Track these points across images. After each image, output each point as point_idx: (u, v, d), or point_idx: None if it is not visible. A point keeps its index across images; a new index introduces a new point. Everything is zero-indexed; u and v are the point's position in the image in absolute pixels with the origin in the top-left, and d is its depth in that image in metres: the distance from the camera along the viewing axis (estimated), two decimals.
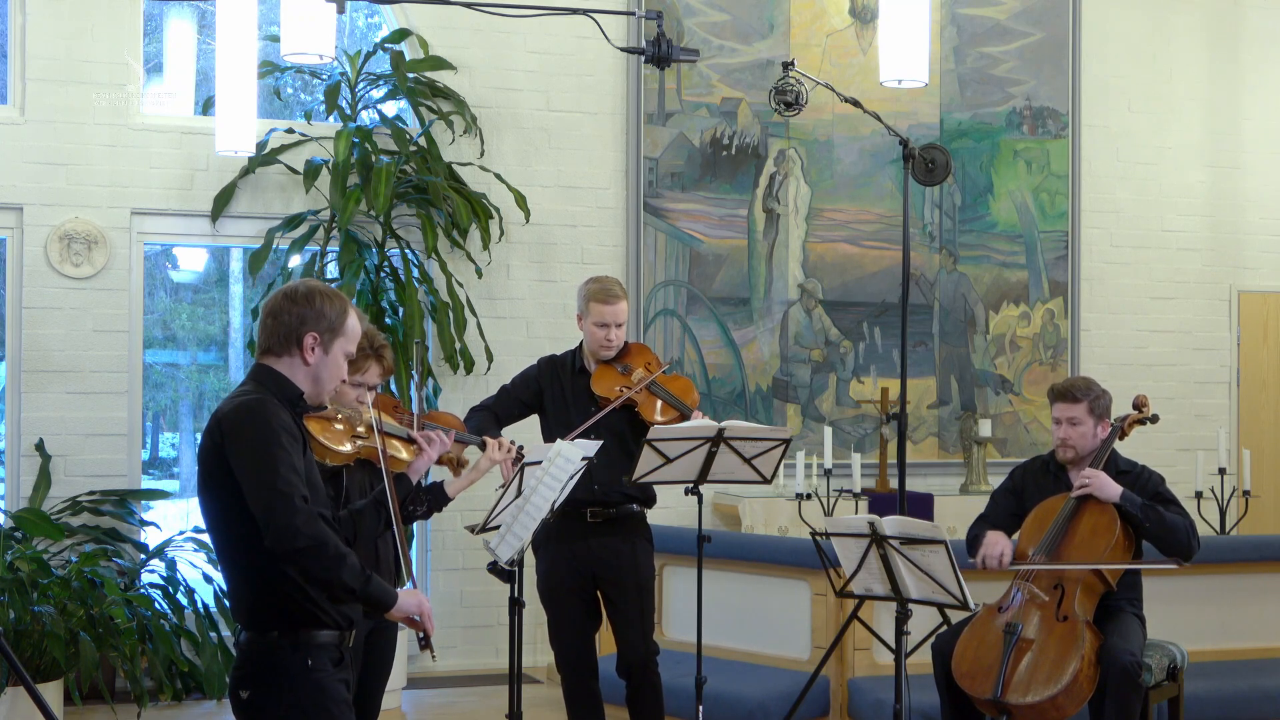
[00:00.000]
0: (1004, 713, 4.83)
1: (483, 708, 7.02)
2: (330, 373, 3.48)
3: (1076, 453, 5.27)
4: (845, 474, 7.40)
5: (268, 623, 3.35)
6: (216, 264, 8.36)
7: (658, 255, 8.14)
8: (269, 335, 3.45)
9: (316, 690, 3.34)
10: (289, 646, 3.34)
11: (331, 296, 3.48)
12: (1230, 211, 9.25)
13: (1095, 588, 5.06)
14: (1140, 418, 5.41)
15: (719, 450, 5.05)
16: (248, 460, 3.28)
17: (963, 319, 8.71)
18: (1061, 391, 5.30)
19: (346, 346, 3.50)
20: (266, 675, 3.35)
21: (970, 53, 8.72)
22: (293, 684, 3.33)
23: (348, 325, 3.48)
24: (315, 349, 3.44)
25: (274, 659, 3.34)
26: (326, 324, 3.45)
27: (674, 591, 6.69)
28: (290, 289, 3.49)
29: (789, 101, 5.57)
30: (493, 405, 5.35)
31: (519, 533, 4.29)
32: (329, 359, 3.46)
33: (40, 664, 6.30)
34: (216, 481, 3.35)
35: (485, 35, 7.84)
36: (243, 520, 3.31)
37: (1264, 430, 9.24)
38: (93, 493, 7.19)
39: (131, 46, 7.42)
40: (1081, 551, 5.05)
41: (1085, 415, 5.24)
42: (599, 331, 5.24)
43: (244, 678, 3.37)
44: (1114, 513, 5.08)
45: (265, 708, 3.35)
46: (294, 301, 3.44)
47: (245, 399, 3.37)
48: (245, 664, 3.38)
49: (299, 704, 3.33)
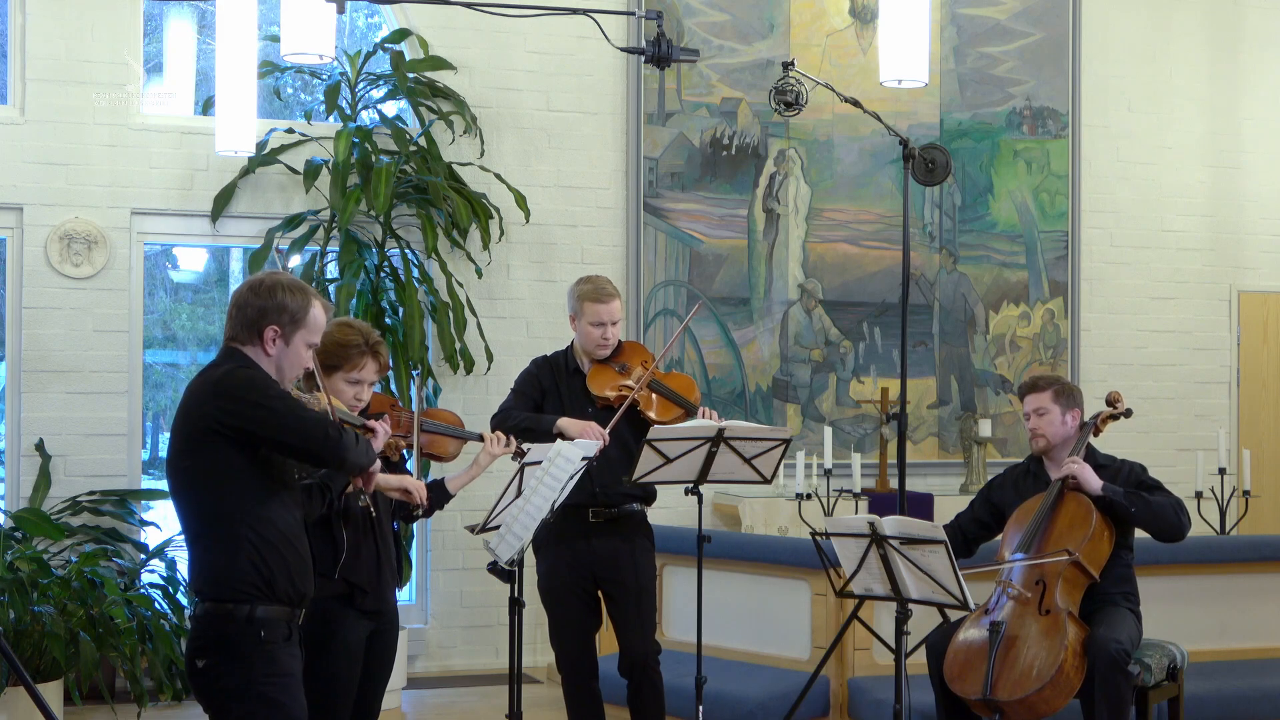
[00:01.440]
0: (995, 710, 4.85)
1: (483, 708, 7.02)
2: (291, 362, 3.63)
3: (1048, 441, 5.32)
4: (845, 474, 7.40)
5: (223, 594, 3.49)
6: (216, 264, 8.36)
7: (657, 255, 8.14)
8: (233, 325, 3.62)
9: (270, 661, 3.50)
10: (243, 619, 3.48)
11: (294, 289, 3.61)
12: (1230, 211, 9.25)
13: (1078, 580, 5.08)
14: (1113, 413, 5.45)
15: (719, 450, 5.05)
16: (269, 414, 3.46)
17: (963, 319, 8.71)
18: (1028, 385, 5.40)
19: (309, 338, 3.64)
20: (220, 644, 3.49)
21: (970, 53, 8.72)
22: (247, 654, 3.48)
23: (309, 317, 3.62)
24: (276, 340, 3.59)
25: (228, 629, 3.49)
26: (288, 316, 3.59)
27: (674, 591, 6.69)
28: (255, 281, 3.63)
29: (789, 101, 5.57)
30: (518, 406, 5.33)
31: (519, 533, 4.29)
32: (290, 350, 3.61)
33: (40, 664, 6.30)
34: (201, 444, 3.48)
35: (485, 35, 7.84)
36: (216, 486, 3.48)
37: (1264, 430, 9.24)
38: (93, 493, 7.19)
39: (131, 46, 7.42)
40: (1060, 544, 5.08)
41: (1050, 403, 5.31)
42: (595, 331, 5.23)
43: (200, 648, 3.52)
44: (1090, 505, 5.13)
45: (220, 676, 3.50)
46: (256, 294, 3.59)
47: (226, 368, 3.54)
48: (201, 634, 3.52)
49: (252, 674, 3.48)
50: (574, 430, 5.04)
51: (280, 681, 3.51)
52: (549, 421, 5.13)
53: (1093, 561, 5.08)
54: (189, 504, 3.56)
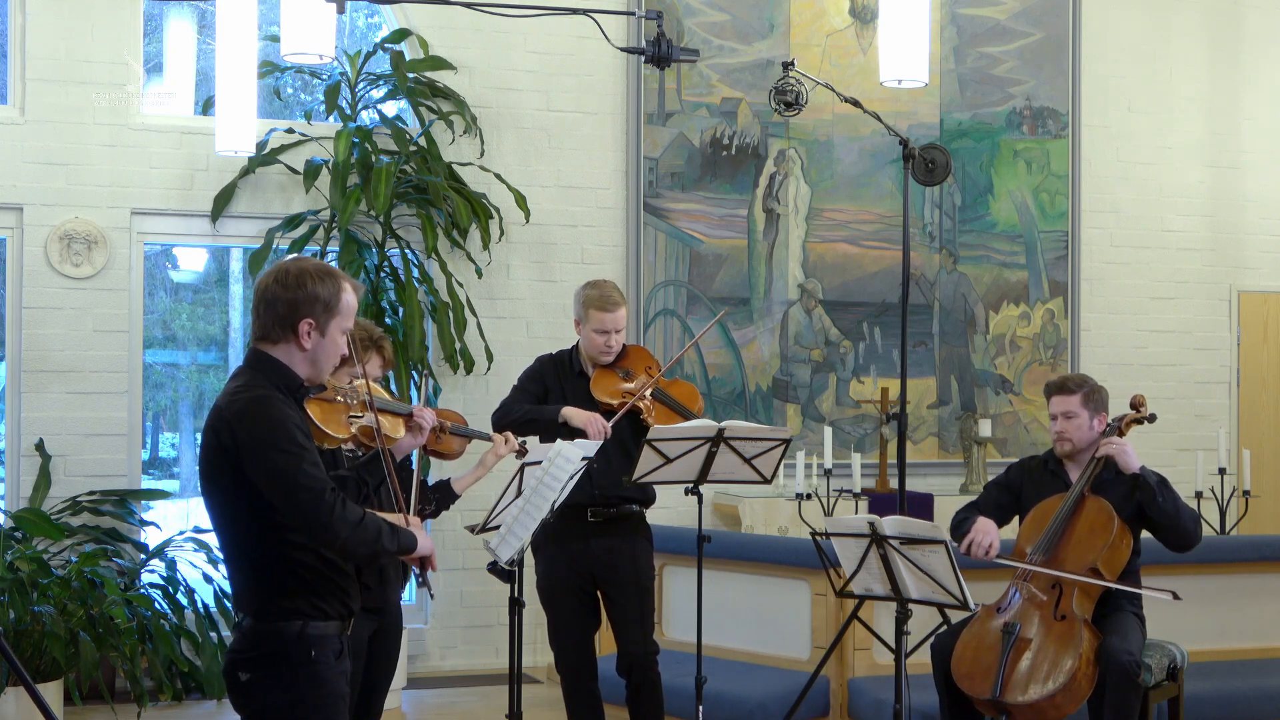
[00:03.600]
0: (1003, 712, 4.83)
1: (483, 708, 7.02)
2: (328, 353, 3.40)
3: (1074, 445, 5.29)
4: (845, 474, 7.40)
5: (272, 613, 3.33)
6: (216, 264, 8.36)
7: (658, 255, 8.14)
8: (263, 323, 3.37)
9: (316, 681, 3.33)
10: (294, 636, 3.31)
11: (323, 276, 3.37)
12: (1230, 211, 9.25)
13: (1093, 587, 5.06)
14: (1137, 417, 5.42)
15: (719, 450, 5.04)
16: (270, 467, 3.23)
17: (963, 319, 8.71)
18: (1057, 385, 5.35)
19: (344, 324, 3.41)
20: (268, 661, 3.32)
21: (970, 53, 8.72)
22: (293, 672, 3.31)
23: (343, 303, 3.39)
24: (311, 333, 3.35)
25: (277, 645, 3.32)
26: (321, 306, 3.36)
27: (674, 591, 6.69)
28: (281, 272, 3.37)
29: (789, 101, 5.57)
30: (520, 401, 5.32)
31: (519, 533, 4.29)
32: (326, 340, 3.38)
33: (40, 664, 6.30)
34: (222, 478, 3.30)
35: (485, 35, 7.84)
36: (249, 516, 3.29)
37: (1264, 430, 9.24)
38: (93, 493, 7.19)
39: (131, 46, 7.42)
40: (1079, 550, 5.06)
41: (1080, 408, 5.27)
42: (598, 338, 5.23)
43: (244, 661, 3.34)
44: (1111, 511, 5.09)
45: (264, 692, 3.33)
46: (284, 287, 3.35)
47: (250, 395, 3.30)
48: (247, 648, 3.35)
49: (297, 693, 3.31)
50: (578, 420, 5.04)
51: (326, 702, 3.35)
52: (553, 411, 5.13)
53: (1110, 569, 5.06)
54: (228, 532, 3.37)
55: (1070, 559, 5.05)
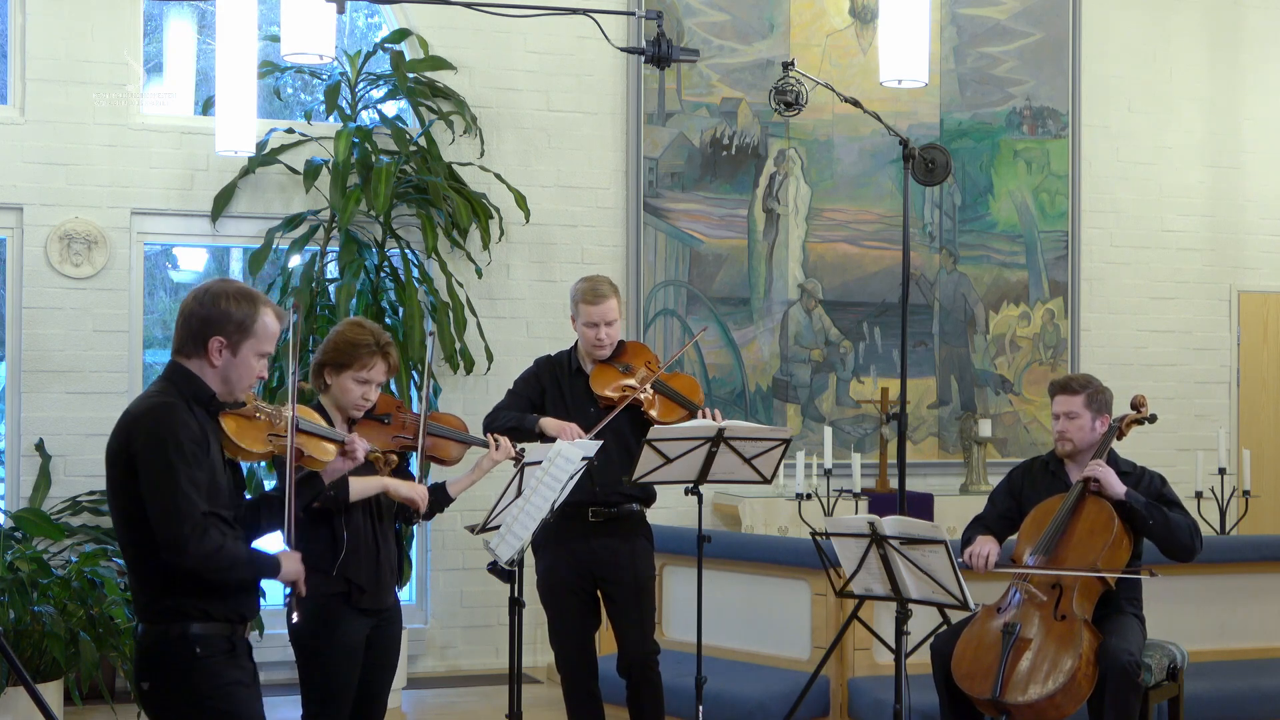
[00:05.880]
0: (1003, 712, 4.83)
1: (483, 708, 7.02)
2: (240, 373, 3.53)
3: (1075, 446, 5.29)
4: (845, 474, 7.40)
5: (160, 616, 3.46)
6: (216, 264, 8.35)
7: (657, 255, 8.14)
8: (179, 336, 3.55)
9: (210, 675, 3.46)
10: (177, 637, 3.44)
11: (240, 298, 3.51)
12: (1230, 211, 9.26)
13: (1094, 587, 5.06)
14: (1138, 417, 5.42)
15: (719, 450, 5.04)
16: (150, 473, 3.37)
17: (963, 319, 8.71)
18: (1060, 385, 5.35)
19: (259, 347, 3.54)
20: (162, 666, 3.47)
21: (970, 53, 8.72)
22: (186, 672, 3.44)
23: (258, 326, 3.52)
24: (222, 351, 3.50)
25: (164, 648, 3.46)
26: (234, 326, 3.50)
27: (674, 591, 6.69)
28: (201, 290, 3.55)
29: (789, 101, 5.57)
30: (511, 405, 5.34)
31: (519, 533, 4.29)
32: (238, 360, 3.52)
33: (40, 664, 6.30)
34: (122, 480, 3.43)
35: (485, 35, 7.84)
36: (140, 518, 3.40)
37: (1264, 430, 9.24)
38: (93, 493, 7.19)
39: (131, 46, 7.42)
40: (1079, 550, 5.06)
41: (1082, 409, 5.26)
42: (590, 332, 5.24)
43: (142, 670, 3.50)
44: (1111, 511, 5.09)
45: (165, 697, 3.48)
46: (201, 304, 3.51)
47: (155, 402, 3.45)
48: (142, 657, 3.50)
49: (195, 690, 3.45)
50: (552, 429, 5.06)
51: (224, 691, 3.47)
52: (532, 421, 5.16)
53: (1111, 569, 5.07)
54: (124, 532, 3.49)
55: (1071, 559, 5.05)
